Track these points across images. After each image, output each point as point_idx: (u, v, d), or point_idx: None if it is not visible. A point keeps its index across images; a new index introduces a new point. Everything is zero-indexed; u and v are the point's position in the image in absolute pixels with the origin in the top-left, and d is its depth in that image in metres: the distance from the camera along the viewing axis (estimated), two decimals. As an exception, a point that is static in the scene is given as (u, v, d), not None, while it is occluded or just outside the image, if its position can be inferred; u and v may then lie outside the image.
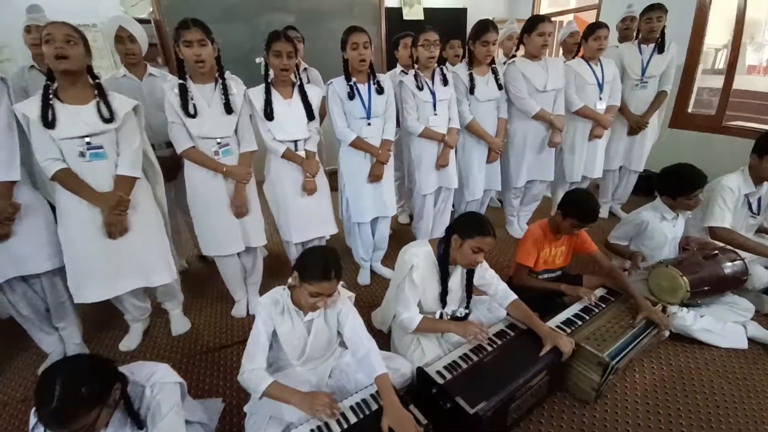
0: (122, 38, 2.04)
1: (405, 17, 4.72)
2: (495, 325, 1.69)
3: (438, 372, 1.42)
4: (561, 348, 1.45)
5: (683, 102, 3.60)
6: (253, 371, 1.29)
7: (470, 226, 1.55)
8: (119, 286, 1.70)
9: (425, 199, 2.43)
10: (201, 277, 2.57)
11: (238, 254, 2.06)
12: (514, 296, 1.69)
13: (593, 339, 1.57)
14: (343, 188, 2.25)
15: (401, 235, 3.04)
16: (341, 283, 1.59)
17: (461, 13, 4.93)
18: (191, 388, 1.67)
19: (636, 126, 2.91)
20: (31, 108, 1.47)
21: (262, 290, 2.28)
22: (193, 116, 1.73)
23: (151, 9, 3.80)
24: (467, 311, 1.78)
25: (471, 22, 2.25)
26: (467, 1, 4.94)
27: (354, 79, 2.03)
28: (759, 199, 2.14)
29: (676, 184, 1.92)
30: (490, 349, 1.52)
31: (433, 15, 4.82)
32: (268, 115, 1.89)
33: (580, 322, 1.68)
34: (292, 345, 1.42)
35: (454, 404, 1.28)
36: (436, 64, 2.25)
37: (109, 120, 1.54)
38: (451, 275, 1.69)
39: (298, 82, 1.96)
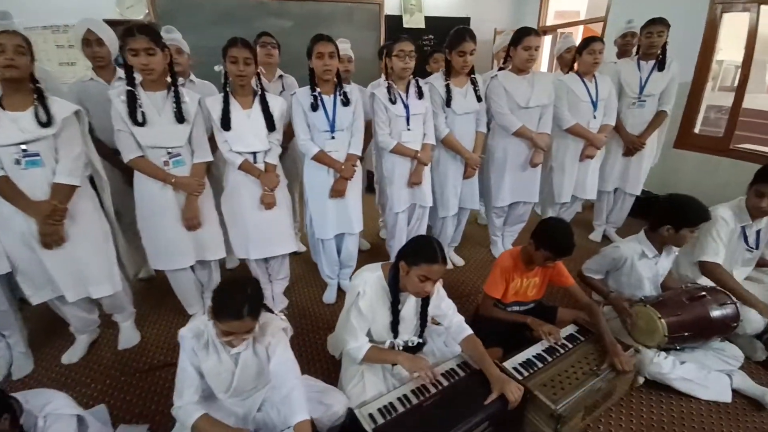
0: (90, 41, 2.00)
1: (405, 25, 4.62)
2: (447, 361, 1.56)
3: (370, 414, 1.30)
4: (507, 396, 1.31)
5: (689, 121, 3.39)
6: (180, 408, 1.24)
7: (417, 253, 1.42)
8: (71, 294, 1.66)
9: (397, 217, 2.31)
10: (166, 286, 2.49)
11: (192, 268, 1.99)
12: (469, 331, 1.55)
13: (550, 386, 1.42)
14: (307, 202, 2.15)
15: (379, 250, 2.94)
16: (284, 311, 1.50)
17: (464, 22, 4.80)
18: (120, 410, 1.60)
19: (632, 146, 2.73)
20: None
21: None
22: (142, 125, 1.67)
23: (147, 11, 3.81)
24: (420, 341, 1.65)
25: (474, 31, 2.14)
26: (470, 11, 4.82)
27: (319, 90, 1.93)
28: (758, 233, 1.95)
29: (683, 215, 1.70)
30: (433, 390, 1.39)
31: (434, 23, 4.72)
32: (225, 125, 1.81)
33: (540, 364, 1.53)
34: (218, 379, 1.32)
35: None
36: (412, 77, 2.14)
37: (46, 124, 1.48)
38: (405, 303, 1.57)
39: (260, 92, 1.88)
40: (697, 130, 3.45)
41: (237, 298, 1.16)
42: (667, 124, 2.80)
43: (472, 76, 2.25)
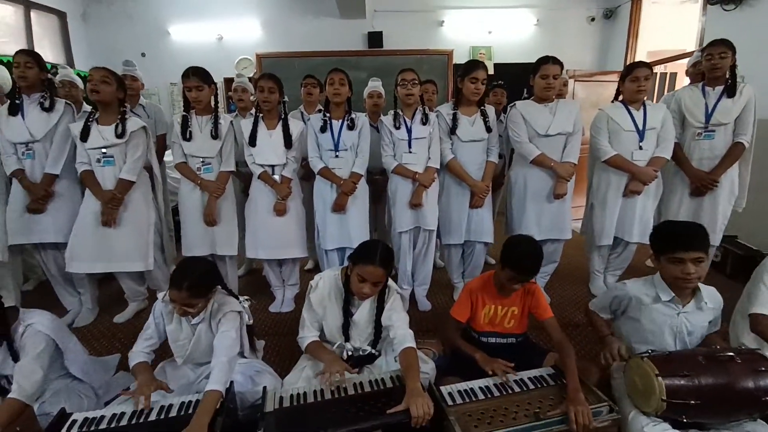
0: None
1: (473, 72, 4.80)
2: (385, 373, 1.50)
3: (281, 397, 1.34)
4: (411, 410, 1.20)
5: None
6: (132, 353, 1.53)
7: (358, 252, 1.49)
8: (101, 265, 2.11)
9: (401, 238, 2.34)
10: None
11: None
12: (409, 344, 1.48)
13: (476, 417, 1.25)
14: (315, 214, 2.37)
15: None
16: (248, 299, 1.68)
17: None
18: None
19: (700, 184, 2.28)
20: (77, 127, 2.07)
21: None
22: (188, 139, 2.16)
23: (255, 70, 4.85)
24: (373, 351, 1.63)
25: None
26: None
27: (329, 115, 2.21)
28: None
29: (662, 239, 1.45)
30: (351, 393, 1.36)
31: (504, 70, 4.79)
32: (252, 141, 2.21)
33: (482, 396, 1.36)
34: (177, 344, 1.55)
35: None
36: (420, 105, 2.28)
37: (120, 135, 2.05)
38: (359, 307, 1.60)
39: (283, 116, 2.25)
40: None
41: (183, 273, 1.39)
42: (750, 160, 2.28)
43: (482, 107, 2.28)
